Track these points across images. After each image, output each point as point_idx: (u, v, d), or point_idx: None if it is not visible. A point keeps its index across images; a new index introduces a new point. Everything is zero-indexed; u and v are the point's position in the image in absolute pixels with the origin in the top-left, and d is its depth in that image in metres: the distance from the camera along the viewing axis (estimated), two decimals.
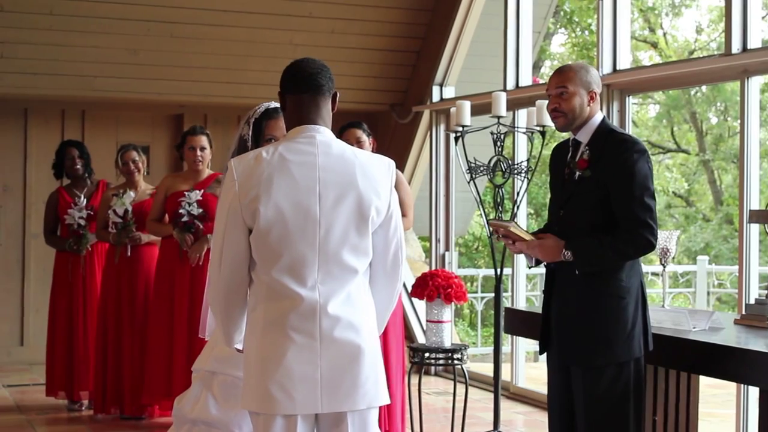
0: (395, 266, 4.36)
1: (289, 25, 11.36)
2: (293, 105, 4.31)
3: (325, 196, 4.13)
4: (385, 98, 12.08)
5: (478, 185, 7.92)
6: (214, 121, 11.95)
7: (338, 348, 4.14)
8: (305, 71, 4.35)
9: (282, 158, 4.15)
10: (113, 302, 8.84)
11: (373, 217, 4.21)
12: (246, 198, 4.11)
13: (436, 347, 7.34)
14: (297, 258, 4.11)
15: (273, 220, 4.09)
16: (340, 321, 4.14)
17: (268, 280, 4.15)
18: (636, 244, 5.03)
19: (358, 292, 4.24)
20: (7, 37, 10.60)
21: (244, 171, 4.15)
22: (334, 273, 4.15)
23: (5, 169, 11.81)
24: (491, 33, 11.43)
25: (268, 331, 4.14)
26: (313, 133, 4.23)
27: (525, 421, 9.28)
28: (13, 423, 8.86)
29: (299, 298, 4.11)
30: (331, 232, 4.13)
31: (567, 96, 5.18)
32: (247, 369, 4.21)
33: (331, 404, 4.13)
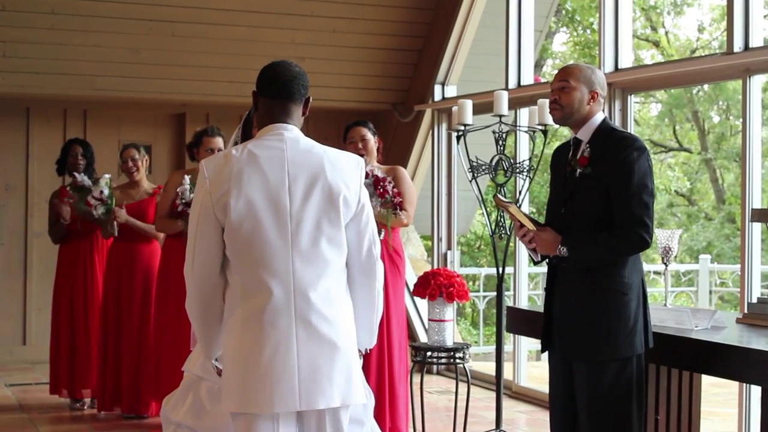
0: (370, 262, 4.37)
1: (290, 24, 11.36)
2: (264, 108, 4.37)
3: (294, 189, 4.18)
4: (386, 97, 12.09)
5: (480, 184, 7.92)
6: (216, 120, 11.94)
7: (314, 343, 4.15)
8: (279, 77, 4.37)
9: (251, 154, 4.21)
10: (113, 300, 8.84)
11: (343, 207, 4.23)
12: (217, 194, 4.15)
13: (439, 346, 7.33)
14: (270, 251, 4.14)
15: (244, 214, 4.13)
16: (316, 315, 4.16)
17: (242, 277, 4.17)
18: (630, 241, 5.04)
19: (335, 287, 4.25)
20: (9, 36, 10.61)
21: (214, 169, 4.21)
22: (308, 265, 4.17)
23: (7, 169, 11.82)
24: (493, 32, 11.42)
25: (245, 329, 4.15)
26: (281, 130, 4.29)
27: (527, 420, 9.28)
28: (15, 422, 8.87)
29: (274, 292, 4.13)
30: (302, 223, 4.17)
31: (567, 90, 5.22)
32: (226, 369, 4.22)
33: (309, 401, 4.13)
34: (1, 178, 11.80)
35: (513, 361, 10.21)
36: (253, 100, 4.45)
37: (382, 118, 12.00)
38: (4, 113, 11.76)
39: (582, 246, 5.11)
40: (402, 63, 11.99)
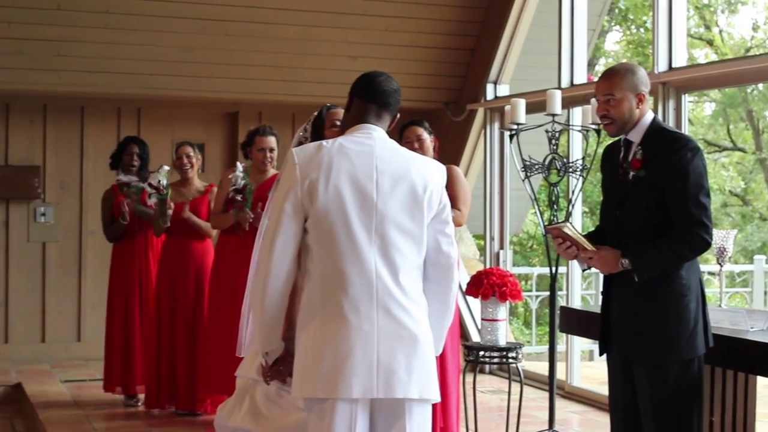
0: (448, 264, 4.43)
1: (343, 23, 11.37)
2: (358, 109, 4.47)
3: (381, 184, 4.26)
4: (439, 96, 12.07)
5: (532, 183, 7.90)
6: (269, 119, 11.96)
7: (395, 333, 4.21)
8: (381, 86, 4.48)
9: (341, 146, 4.30)
10: (167, 297, 8.87)
11: (426, 207, 4.31)
12: (306, 180, 4.23)
13: (491, 345, 7.32)
14: (353, 241, 4.21)
15: (331, 202, 4.21)
16: (398, 306, 4.23)
17: (324, 265, 4.24)
18: (692, 243, 5.00)
19: (414, 283, 4.32)
20: (64, 35, 10.70)
21: (305, 157, 4.29)
22: (389, 258, 4.24)
23: (62, 167, 11.91)
24: (546, 30, 11.38)
25: (326, 317, 4.21)
26: (370, 130, 4.40)
27: (580, 420, 9.24)
28: (70, 418, 8.93)
29: (356, 281, 4.20)
30: (386, 217, 4.24)
31: (614, 102, 5.16)
32: (302, 355, 4.26)
33: (387, 389, 4.18)
34: (56, 176, 11.90)
35: (566, 360, 10.16)
36: (347, 102, 4.54)
37: (435, 117, 11.98)
38: (59, 112, 11.85)
39: (644, 255, 5.05)
40: (454, 62, 11.97)
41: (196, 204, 8.91)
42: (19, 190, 11.70)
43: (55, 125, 11.89)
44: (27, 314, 11.79)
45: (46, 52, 10.74)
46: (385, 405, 4.26)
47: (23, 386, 10.28)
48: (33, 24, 10.61)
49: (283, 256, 4.25)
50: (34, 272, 11.84)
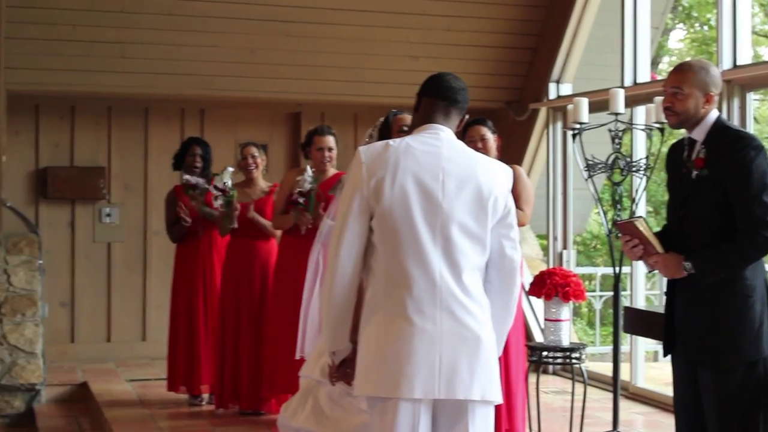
0: (511, 268, 4.44)
1: (404, 23, 11.38)
2: (426, 107, 4.47)
3: (447, 184, 4.27)
4: (501, 96, 12.04)
5: (595, 183, 7.86)
6: (332, 119, 11.99)
7: (458, 334, 4.22)
8: (449, 82, 4.49)
9: (408, 146, 4.31)
10: (231, 297, 8.91)
11: (491, 210, 4.31)
12: (372, 179, 4.25)
13: (554, 346, 7.29)
14: (417, 240, 4.22)
15: (397, 201, 4.23)
16: (461, 307, 4.24)
17: (387, 264, 4.26)
18: (755, 244, 4.95)
19: (476, 285, 4.32)
20: (128, 37, 10.79)
21: (371, 155, 4.31)
22: (452, 259, 4.24)
23: (127, 168, 12.01)
24: (608, 29, 11.32)
25: (389, 316, 4.23)
26: (437, 130, 4.41)
27: (645, 421, 9.18)
28: (135, 417, 9.00)
29: (419, 281, 4.21)
30: (451, 218, 4.25)
31: (681, 97, 5.12)
32: (365, 353, 4.29)
33: (448, 390, 4.19)
34: (121, 177, 12.01)
35: (630, 361, 10.10)
36: (415, 102, 4.55)
37: (497, 117, 11.94)
38: (124, 113, 11.96)
39: (707, 260, 5.00)
40: (516, 61, 11.93)
41: (260, 204, 8.93)
42: (85, 191, 11.82)
43: (119, 127, 12.00)
44: (92, 314, 11.91)
45: (111, 54, 10.84)
46: (447, 406, 4.26)
47: (89, 385, 10.38)
48: (97, 26, 10.72)
49: (349, 255, 4.28)
50: (100, 272, 11.95)
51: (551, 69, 11.54)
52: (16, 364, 10.31)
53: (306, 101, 11.98)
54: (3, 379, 10.22)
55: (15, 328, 10.47)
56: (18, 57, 10.52)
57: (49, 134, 11.81)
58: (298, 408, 5.12)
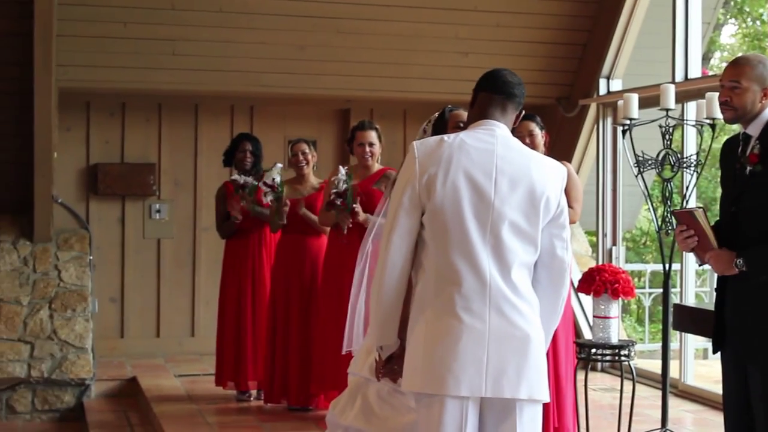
0: (561, 268, 4.42)
1: (454, 19, 11.35)
2: (482, 102, 4.45)
3: (500, 182, 4.24)
4: (551, 92, 11.98)
5: (645, 179, 7.81)
6: (381, 115, 12.00)
7: (506, 332, 4.21)
8: (505, 77, 4.47)
9: (463, 142, 4.30)
10: (281, 293, 8.92)
11: (543, 209, 4.28)
12: (425, 175, 4.24)
13: (603, 343, 7.25)
14: (467, 237, 4.20)
15: (449, 198, 4.21)
16: (510, 306, 4.23)
17: (437, 261, 4.24)
18: None
19: (525, 283, 4.31)
20: (178, 34, 10.83)
21: (425, 150, 4.30)
22: (502, 257, 4.23)
23: (177, 164, 12.07)
24: (659, 24, 11.24)
25: (438, 313, 4.22)
26: (493, 127, 4.38)
27: (694, 419, 9.12)
28: (184, 412, 9.05)
29: (468, 278, 4.19)
30: (502, 216, 4.23)
31: (739, 91, 5.05)
32: (414, 350, 4.28)
33: (495, 389, 4.18)
34: (171, 173, 12.06)
35: (679, 359, 10.04)
36: (471, 98, 4.53)
37: (546, 113, 11.88)
38: (174, 110, 12.02)
39: (760, 258, 4.95)
40: (566, 57, 11.87)
41: (311, 200, 8.93)
42: (135, 188, 11.88)
43: (169, 123, 12.06)
44: (142, 310, 11.97)
45: (161, 51, 10.88)
46: (495, 404, 4.25)
47: (138, 380, 10.45)
48: (148, 24, 10.77)
49: (400, 250, 4.28)
50: (149, 268, 12.02)
51: (601, 65, 11.47)
52: (67, 359, 10.39)
53: (355, 98, 11.99)
54: (53, 374, 10.31)
55: (65, 324, 10.55)
56: (69, 54, 10.59)
57: (99, 131, 11.88)
58: (346, 406, 5.10)
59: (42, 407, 10.33)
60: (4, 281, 10.64)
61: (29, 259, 10.84)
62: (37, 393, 10.32)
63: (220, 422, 8.70)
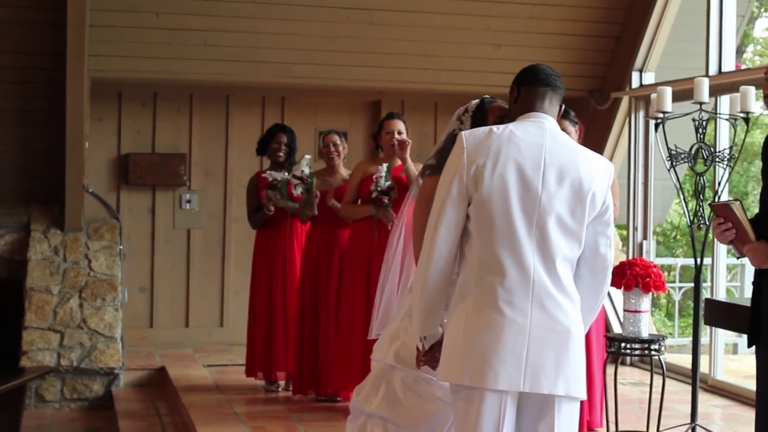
0: (603, 265, 4.42)
1: (486, 11, 11.31)
2: (527, 95, 4.44)
3: (548, 176, 4.23)
4: (583, 84, 11.93)
5: (678, 173, 7.76)
6: (412, 107, 11.99)
7: (547, 327, 4.20)
8: (545, 71, 4.50)
9: (512, 134, 4.28)
10: (311, 284, 8.91)
11: (589, 205, 4.27)
12: (473, 166, 4.23)
13: (633, 337, 7.22)
14: (513, 230, 4.19)
15: (496, 189, 4.20)
16: (552, 301, 4.21)
17: (481, 252, 4.23)
18: None
19: (568, 278, 4.30)
20: (210, 25, 10.83)
21: (474, 141, 4.29)
22: (546, 252, 4.22)
23: (207, 155, 12.09)
24: (693, 17, 11.16)
25: (480, 305, 4.21)
26: (542, 119, 4.38)
27: (723, 414, 9.07)
28: (212, 402, 9.06)
29: (512, 271, 4.18)
30: (549, 210, 4.21)
31: None
32: (452, 340, 4.28)
33: (533, 384, 4.17)
34: (202, 164, 12.08)
35: (709, 353, 9.98)
36: (511, 94, 4.52)
37: (579, 106, 11.85)
38: (205, 100, 12.03)
39: None
40: (599, 49, 11.82)
41: (341, 192, 8.92)
42: (166, 178, 11.91)
43: (200, 114, 12.08)
44: (171, 299, 12.01)
45: (193, 41, 10.89)
46: (533, 399, 4.24)
47: (167, 370, 10.47)
48: (180, 14, 10.78)
49: (446, 241, 4.27)
50: (179, 258, 12.04)
51: (634, 57, 11.41)
52: (96, 348, 10.42)
53: (386, 89, 11.97)
54: (82, 363, 10.35)
55: (95, 313, 10.59)
56: (102, 44, 10.61)
57: (131, 121, 11.92)
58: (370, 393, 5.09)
59: (71, 396, 10.37)
60: (35, 270, 10.69)
61: (60, 248, 10.89)
62: (66, 382, 10.35)
63: (248, 413, 8.71)
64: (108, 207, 11.54)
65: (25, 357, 10.24)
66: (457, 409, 4.31)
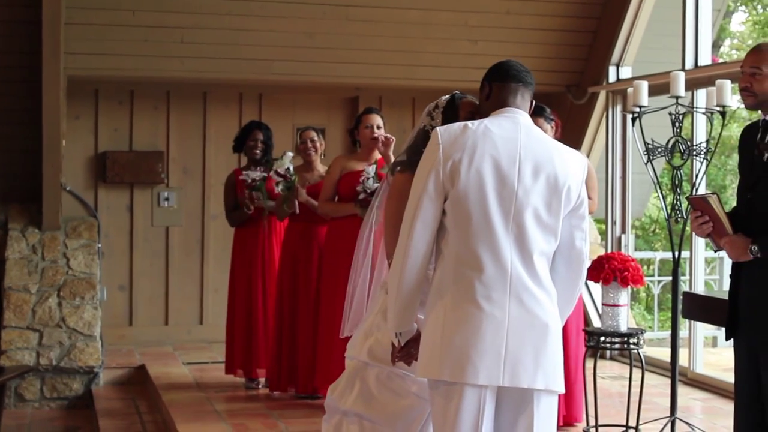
0: (579, 258, 4.45)
1: (463, 7, 11.32)
2: (499, 91, 4.45)
3: (523, 171, 4.24)
4: (560, 79, 11.95)
5: (655, 167, 7.78)
6: (390, 103, 11.99)
7: (525, 321, 4.21)
8: (516, 67, 4.49)
9: (487, 129, 4.29)
10: (289, 281, 8.90)
11: (564, 199, 4.29)
12: (449, 161, 4.23)
13: (612, 331, 7.24)
14: (490, 225, 4.20)
15: (472, 185, 4.20)
16: (530, 295, 4.23)
17: (458, 248, 4.23)
18: None
19: (545, 273, 4.31)
20: (188, 22, 10.81)
21: (449, 137, 4.29)
22: (523, 246, 4.22)
23: (185, 152, 12.07)
24: (669, 11, 11.20)
25: (458, 300, 4.22)
26: (516, 115, 4.39)
27: (703, 407, 9.10)
28: (192, 400, 9.05)
29: (489, 266, 4.19)
30: (525, 205, 4.23)
31: (760, 77, 5.07)
32: (431, 336, 4.27)
33: (513, 378, 4.18)
34: (180, 161, 12.06)
35: (688, 347, 10.02)
36: (482, 89, 4.54)
37: (556, 100, 11.88)
38: (183, 98, 12.01)
39: None
40: (576, 44, 11.84)
41: (318, 188, 8.91)
42: (143, 176, 11.88)
43: (178, 111, 12.05)
44: (151, 297, 11.98)
45: (170, 39, 10.87)
46: (512, 394, 4.25)
47: (147, 368, 10.45)
48: (157, 11, 10.75)
49: (423, 237, 4.27)
50: (158, 256, 12.02)
51: (611, 52, 11.43)
52: (75, 346, 10.40)
53: (364, 85, 11.97)
54: (62, 362, 10.32)
55: (74, 311, 10.56)
56: (78, 42, 10.58)
57: (108, 119, 11.88)
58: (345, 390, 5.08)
59: (51, 395, 10.35)
60: (13, 269, 10.65)
61: (38, 247, 10.86)
62: (46, 381, 10.33)
63: (228, 410, 8.70)
64: (86, 205, 11.51)
65: (4, 356, 10.21)
66: (435, 404, 4.31)
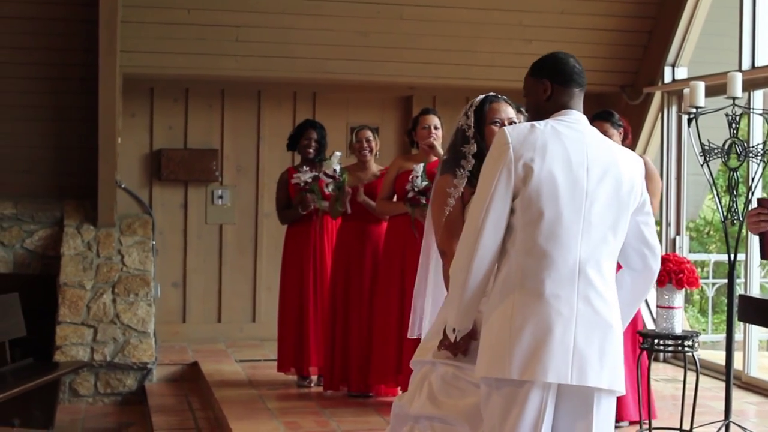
0: (653, 255, 4.48)
1: (518, 6, 11.29)
2: (561, 94, 4.42)
3: (592, 170, 4.25)
4: (615, 79, 11.89)
5: (711, 168, 7.72)
6: (443, 102, 11.96)
7: (592, 320, 4.19)
8: (577, 71, 4.47)
9: (555, 130, 4.29)
10: (342, 280, 8.91)
11: (630, 199, 4.32)
12: (520, 160, 4.21)
13: (667, 333, 7.19)
14: (561, 225, 4.20)
15: (545, 185, 4.19)
16: (597, 294, 4.22)
17: (527, 246, 4.22)
18: None
19: (611, 272, 4.31)
20: (242, 21, 10.85)
21: (518, 136, 4.27)
22: (592, 245, 4.23)
23: (239, 150, 12.12)
24: (726, 11, 11.10)
25: (526, 298, 4.20)
26: (578, 117, 4.39)
27: (757, 411, 9.02)
28: (244, 397, 9.08)
29: (559, 265, 4.18)
30: (594, 204, 4.24)
31: None
32: (496, 334, 4.24)
33: (580, 376, 4.15)
34: (233, 159, 12.11)
35: (743, 350, 9.93)
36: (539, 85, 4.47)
37: (610, 101, 11.81)
38: (237, 96, 12.06)
39: None
40: (631, 44, 11.76)
41: (372, 188, 8.90)
42: (198, 173, 11.94)
43: (232, 109, 12.11)
44: (204, 295, 12.04)
45: (225, 37, 10.92)
46: (573, 393, 4.21)
47: (200, 365, 10.51)
48: (212, 10, 10.80)
49: (492, 236, 4.25)
50: (211, 254, 12.08)
51: (667, 52, 11.35)
52: (129, 343, 10.47)
53: (418, 84, 11.96)
54: (116, 358, 10.39)
55: (128, 308, 10.64)
56: (134, 41, 10.65)
57: (163, 117, 11.96)
58: (414, 395, 5.04)
59: (104, 390, 10.43)
60: (68, 265, 10.74)
61: (93, 243, 10.94)
62: (100, 376, 10.41)
63: (280, 408, 8.72)
64: (141, 202, 11.59)
65: (59, 352, 10.30)
66: (493, 404, 4.26)
